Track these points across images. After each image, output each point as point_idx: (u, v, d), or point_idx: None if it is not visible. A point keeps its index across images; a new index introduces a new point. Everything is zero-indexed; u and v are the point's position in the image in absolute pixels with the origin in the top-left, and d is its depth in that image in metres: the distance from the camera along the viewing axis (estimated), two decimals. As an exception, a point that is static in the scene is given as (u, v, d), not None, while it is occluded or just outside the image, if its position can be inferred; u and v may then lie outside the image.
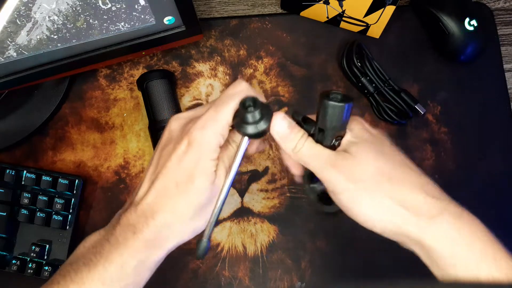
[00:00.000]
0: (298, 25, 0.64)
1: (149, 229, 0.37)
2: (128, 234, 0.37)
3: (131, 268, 0.37)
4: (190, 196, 0.37)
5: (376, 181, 0.37)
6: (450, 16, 0.60)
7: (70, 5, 0.45)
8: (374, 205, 0.37)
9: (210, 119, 0.38)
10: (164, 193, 0.38)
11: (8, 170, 0.57)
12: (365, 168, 0.37)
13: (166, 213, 0.37)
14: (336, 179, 0.38)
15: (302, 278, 0.58)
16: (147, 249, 0.37)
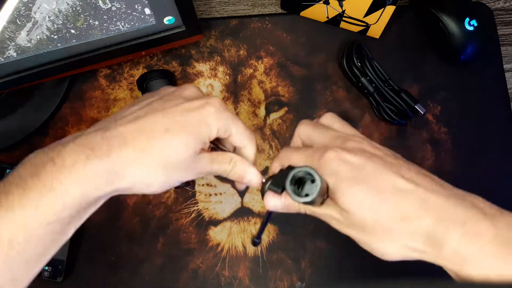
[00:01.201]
0: (298, 25, 0.64)
1: (109, 159, 0.33)
2: (80, 156, 0.33)
3: (71, 198, 0.32)
4: (174, 147, 0.35)
5: (379, 227, 0.36)
6: (450, 16, 0.60)
7: (70, 5, 0.45)
8: (388, 249, 0.37)
9: (234, 115, 0.40)
10: (147, 130, 0.35)
11: (8, 170, 0.57)
12: (362, 220, 0.37)
13: (137, 150, 0.34)
14: (347, 233, 0.39)
15: (302, 278, 0.58)
16: (96, 180, 0.33)
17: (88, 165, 0.33)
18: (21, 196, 0.31)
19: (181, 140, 0.35)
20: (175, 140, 0.35)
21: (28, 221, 0.32)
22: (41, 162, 0.33)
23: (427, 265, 0.37)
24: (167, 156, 0.35)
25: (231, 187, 0.59)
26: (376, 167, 0.37)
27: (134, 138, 0.34)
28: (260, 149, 0.60)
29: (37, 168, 0.32)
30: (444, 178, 0.61)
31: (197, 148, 0.37)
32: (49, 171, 0.32)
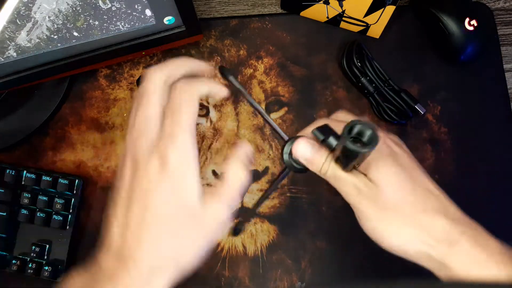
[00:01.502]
0: (298, 25, 0.64)
1: (130, 275, 0.33)
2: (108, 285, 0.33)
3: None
4: (169, 231, 0.33)
5: (399, 210, 0.38)
6: (450, 16, 0.60)
7: (70, 5, 0.45)
8: (398, 233, 0.38)
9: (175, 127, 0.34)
10: (139, 229, 0.33)
11: (8, 170, 0.57)
12: (388, 198, 0.38)
13: (143, 254, 0.33)
14: (360, 207, 0.39)
15: (302, 278, 0.58)
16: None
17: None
18: None
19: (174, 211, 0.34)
20: (168, 217, 0.34)
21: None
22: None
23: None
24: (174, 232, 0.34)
25: (231, 187, 0.59)
26: (412, 164, 0.40)
27: (134, 240, 0.34)
28: (260, 149, 0.60)
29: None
30: (444, 178, 0.61)
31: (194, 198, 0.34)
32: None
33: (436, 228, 0.37)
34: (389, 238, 0.39)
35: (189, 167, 0.34)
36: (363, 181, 0.39)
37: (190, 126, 0.34)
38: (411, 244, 0.38)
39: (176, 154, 0.33)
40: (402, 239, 0.38)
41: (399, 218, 0.38)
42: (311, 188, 0.60)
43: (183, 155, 0.34)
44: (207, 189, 0.35)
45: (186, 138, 0.34)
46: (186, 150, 0.34)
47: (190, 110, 0.34)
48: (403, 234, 0.38)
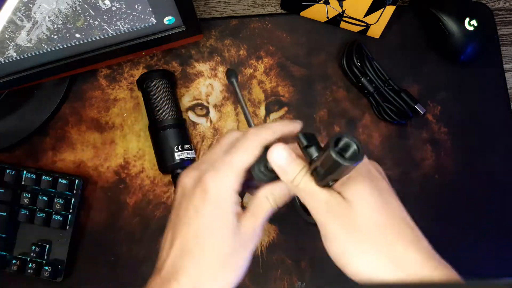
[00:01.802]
0: (298, 25, 0.64)
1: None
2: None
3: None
4: (212, 249, 0.35)
5: (371, 235, 0.35)
6: (450, 16, 0.60)
7: (70, 5, 0.45)
8: (365, 259, 0.35)
9: (224, 163, 0.37)
10: (184, 250, 0.36)
11: (8, 170, 0.57)
12: (361, 220, 0.35)
13: (189, 272, 0.35)
14: (329, 226, 0.36)
15: (302, 278, 0.58)
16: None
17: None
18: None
19: (213, 236, 0.36)
20: (209, 241, 0.36)
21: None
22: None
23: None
24: (213, 257, 0.36)
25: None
26: (390, 191, 0.38)
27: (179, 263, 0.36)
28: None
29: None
30: (444, 178, 0.61)
31: (231, 224, 0.36)
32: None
33: (408, 260, 0.34)
34: (356, 264, 0.35)
35: (227, 194, 0.36)
36: (336, 198, 0.36)
37: (238, 169, 0.37)
38: (379, 273, 0.34)
39: (215, 182, 0.36)
40: (370, 266, 0.35)
41: (370, 243, 0.35)
42: (311, 188, 0.60)
43: (222, 184, 0.36)
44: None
45: (229, 173, 0.36)
46: (226, 181, 0.36)
47: (245, 157, 0.37)
48: (372, 260, 0.35)
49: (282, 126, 0.39)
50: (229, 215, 0.36)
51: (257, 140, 0.37)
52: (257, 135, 0.38)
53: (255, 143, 0.37)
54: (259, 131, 0.38)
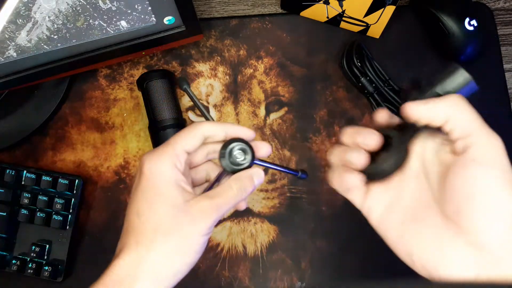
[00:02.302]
0: (298, 25, 0.64)
1: (112, 272, 0.35)
2: (91, 286, 0.35)
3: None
4: (152, 223, 0.36)
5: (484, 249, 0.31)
6: (450, 16, 0.60)
7: (70, 5, 0.45)
8: (459, 262, 0.32)
9: (162, 145, 0.39)
10: (127, 229, 0.37)
11: (8, 170, 0.57)
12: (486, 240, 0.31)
13: (131, 248, 0.36)
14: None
15: (302, 278, 0.58)
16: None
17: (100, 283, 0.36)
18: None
19: (151, 209, 0.36)
20: (148, 215, 0.36)
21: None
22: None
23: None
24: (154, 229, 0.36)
25: (231, 187, 0.59)
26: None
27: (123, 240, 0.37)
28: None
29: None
30: (444, 178, 0.61)
31: (171, 197, 0.36)
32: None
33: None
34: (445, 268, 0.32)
35: (162, 170, 0.37)
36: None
37: (175, 149, 0.38)
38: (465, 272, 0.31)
39: (150, 161, 0.37)
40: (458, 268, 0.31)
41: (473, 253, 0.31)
42: (311, 188, 0.60)
43: (157, 162, 0.37)
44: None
45: (164, 152, 0.38)
46: (161, 159, 0.37)
47: (183, 139, 0.39)
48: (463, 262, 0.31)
49: (234, 126, 0.41)
50: (168, 189, 0.36)
51: (199, 128, 0.39)
52: (201, 126, 0.40)
53: (196, 129, 0.39)
54: (205, 123, 0.40)
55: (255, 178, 0.40)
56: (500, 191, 0.31)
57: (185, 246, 0.36)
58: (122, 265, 0.35)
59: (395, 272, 0.57)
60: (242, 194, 0.39)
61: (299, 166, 0.60)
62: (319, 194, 0.60)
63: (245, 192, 0.39)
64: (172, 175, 0.37)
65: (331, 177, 0.39)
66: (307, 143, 0.61)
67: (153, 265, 0.35)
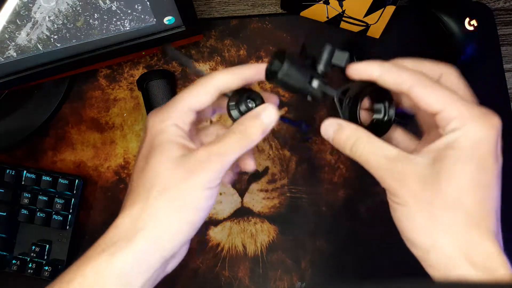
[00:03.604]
0: (298, 25, 0.64)
1: (110, 232, 0.34)
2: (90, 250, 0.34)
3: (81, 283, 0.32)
4: (152, 182, 0.33)
5: (445, 212, 0.31)
6: (450, 16, 0.60)
7: (70, 5, 0.45)
8: (427, 235, 0.32)
9: (168, 104, 0.35)
10: (130, 190, 0.35)
11: (8, 170, 0.57)
12: (441, 195, 0.31)
13: (131, 207, 0.33)
14: (394, 190, 0.33)
15: (302, 278, 0.58)
16: (100, 255, 0.33)
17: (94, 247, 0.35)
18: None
19: (148, 165, 0.34)
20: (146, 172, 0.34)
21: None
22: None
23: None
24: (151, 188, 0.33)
25: (231, 187, 0.59)
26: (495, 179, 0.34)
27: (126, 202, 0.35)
28: (260, 149, 0.60)
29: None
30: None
31: (170, 152, 0.33)
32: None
33: (480, 249, 0.31)
34: (420, 239, 0.32)
35: (164, 127, 0.34)
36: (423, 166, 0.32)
37: (182, 105, 0.35)
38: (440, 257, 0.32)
39: (154, 118, 0.35)
40: (437, 245, 0.32)
41: (444, 223, 0.31)
42: (311, 188, 0.60)
43: (161, 119, 0.35)
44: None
45: (169, 109, 0.35)
46: (165, 116, 0.35)
47: (193, 97, 0.35)
48: (438, 242, 0.31)
49: (244, 68, 0.36)
50: (166, 144, 0.33)
51: (211, 82, 0.35)
52: (212, 77, 0.35)
53: (206, 85, 0.35)
54: (215, 73, 0.36)
55: (263, 115, 0.35)
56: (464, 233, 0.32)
57: (182, 202, 0.33)
58: (118, 226, 0.33)
59: (395, 272, 0.58)
60: (246, 138, 0.34)
61: (299, 166, 0.60)
62: (319, 194, 0.60)
63: (250, 134, 0.34)
64: (173, 132, 0.34)
65: None
66: (307, 143, 0.61)
67: (148, 224, 0.32)
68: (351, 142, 0.34)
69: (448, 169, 0.32)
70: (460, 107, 0.34)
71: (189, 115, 0.35)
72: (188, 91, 0.35)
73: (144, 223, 0.32)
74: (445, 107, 0.33)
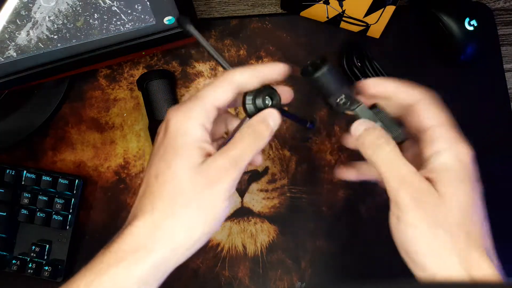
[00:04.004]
0: (298, 25, 0.64)
1: (125, 239, 0.32)
2: (100, 253, 0.33)
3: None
4: (170, 186, 0.32)
5: (453, 235, 0.33)
6: (450, 16, 0.60)
7: (70, 5, 0.45)
8: (437, 256, 0.33)
9: (190, 99, 0.35)
10: (145, 191, 0.34)
11: (8, 170, 0.57)
12: (450, 218, 0.33)
13: (147, 212, 0.33)
14: (409, 210, 0.33)
15: (302, 278, 0.58)
16: (119, 264, 0.32)
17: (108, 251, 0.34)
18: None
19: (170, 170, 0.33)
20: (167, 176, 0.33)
21: None
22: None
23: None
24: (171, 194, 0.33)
25: (231, 187, 0.59)
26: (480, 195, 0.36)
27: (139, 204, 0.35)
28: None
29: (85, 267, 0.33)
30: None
31: (191, 158, 0.33)
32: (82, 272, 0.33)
33: (480, 269, 0.32)
34: (424, 256, 0.33)
35: (187, 129, 0.34)
36: (427, 186, 0.34)
37: (204, 104, 0.35)
38: (441, 270, 0.33)
39: (176, 118, 0.34)
40: (439, 263, 0.33)
41: (449, 243, 0.33)
42: (311, 188, 0.60)
43: (183, 119, 0.34)
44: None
45: (192, 107, 0.34)
46: (187, 115, 0.34)
47: (214, 93, 0.35)
48: (443, 258, 0.33)
49: (264, 67, 0.37)
50: (190, 151, 0.33)
51: (231, 80, 0.35)
52: (233, 75, 0.35)
53: (228, 82, 0.35)
54: (236, 71, 0.36)
55: (270, 120, 0.36)
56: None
57: (205, 214, 0.33)
58: (135, 233, 0.32)
59: (395, 272, 0.57)
60: (258, 142, 0.34)
61: (299, 166, 0.60)
62: (319, 194, 0.60)
63: (261, 138, 0.35)
64: (198, 135, 0.33)
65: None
66: (307, 143, 0.61)
67: (170, 234, 0.32)
68: (377, 144, 0.36)
69: (448, 192, 0.34)
70: (448, 129, 0.37)
71: (213, 112, 0.35)
72: (211, 88, 0.35)
73: (165, 233, 0.32)
74: (436, 124, 0.37)
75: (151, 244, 0.32)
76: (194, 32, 0.37)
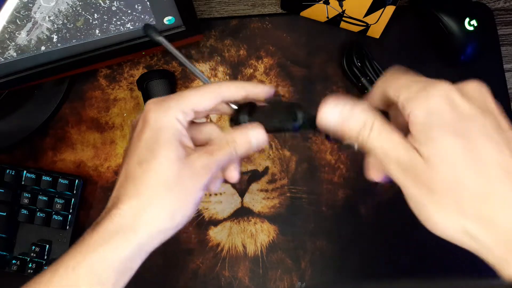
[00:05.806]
0: (298, 25, 0.64)
1: (111, 220, 0.34)
2: (86, 234, 0.34)
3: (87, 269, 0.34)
4: (155, 172, 0.34)
5: (451, 195, 0.30)
6: (450, 16, 0.60)
7: (70, 5, 0.45)
8: (446, 223, 0.31)
9: (171, 97, 0.37)
10: (127, 177, 0.35)
11: (8, 170, 0.57)
12: (439, 180, 0.30)
13: (130, 197, 0.34)
14: (407, 187, 0.32)
15: (302, 278, 0.58)
16: (107, 244, 0.34)
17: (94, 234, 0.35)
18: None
19: (156, 159, 0.35)
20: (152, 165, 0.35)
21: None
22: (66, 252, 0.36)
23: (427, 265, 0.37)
24: (157, 181, 0.35)
25: (231, 187, 0.59)
26: (488, 129, 0.31)
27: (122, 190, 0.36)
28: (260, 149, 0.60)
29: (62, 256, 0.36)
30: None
31: (175, 148, 0.35)
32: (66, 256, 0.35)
33: (497, 219, 0.29)
34: (433, 223, 0.31)
35: (167, 121, 0.36)
36: (409, 154, 0.31)
37: (184, 104, 0.36)
38: (461, 240, 0.31)
39: (156, 111, 0.36)
40: (451, 232, 0.31)
41: (452, 204, 0.30)
42: (311, 188, 0.60)
43: (163, 112, 0.36)
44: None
45: (172, 104, 0.36)
46: (167, 109, 0.36)
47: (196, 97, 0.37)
48: (449, 223, 0.30)
49: (250, 85, 0.39)
50: (173, 142, 0.35)
51: (216, 91, 0.37)
52: (219, 86, 0.38)
53: (213, 92, 0.37)
54: (223, 83, 0.38)
55: (251, 136, 0.38)
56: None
57: (186, 200, 0.36)
58: (122, 215, 0.34)
59: (395, 272, 0.58)
60: (234, 152, 0.37)
61: (299, 166, 0.60)
62: (319, 194, 0.60)
63: (237, 150, 0.37)
64: (176, 129, 0.36)
65: None
66: (307, 143, 0.61)
67: (155, 217, 0.34)
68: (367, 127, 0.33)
69: (428, 152, 0.31)
70: (411, 85, 0.33)
71: (190, 114, 0.37)
72: (195, 92, 0.37)
73: (150, 217, 0.34)
74: (398, 94, 0.33)
75: (138, 226, 0.34)
76: (164, 41, 0.40)
